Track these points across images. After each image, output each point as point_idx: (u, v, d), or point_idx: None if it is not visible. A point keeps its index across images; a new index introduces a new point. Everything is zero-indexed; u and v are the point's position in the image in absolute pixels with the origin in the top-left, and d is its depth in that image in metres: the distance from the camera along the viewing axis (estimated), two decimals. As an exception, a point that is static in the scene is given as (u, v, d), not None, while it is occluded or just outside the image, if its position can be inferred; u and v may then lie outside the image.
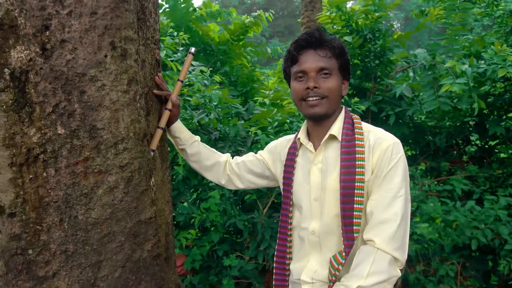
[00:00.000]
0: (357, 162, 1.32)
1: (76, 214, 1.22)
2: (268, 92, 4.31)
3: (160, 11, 4.74)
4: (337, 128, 1.41)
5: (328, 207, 1.37)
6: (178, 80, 1.50)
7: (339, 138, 1.39)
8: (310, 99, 1.37)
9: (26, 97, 1.14)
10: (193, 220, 3.05)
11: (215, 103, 3.18)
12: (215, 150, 1.69)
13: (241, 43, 4.54)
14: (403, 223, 1.27)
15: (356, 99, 2.88)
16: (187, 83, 3.11)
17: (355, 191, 1.31)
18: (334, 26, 3.69)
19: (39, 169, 1.18)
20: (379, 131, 1.39)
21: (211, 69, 4.56)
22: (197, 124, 3.22)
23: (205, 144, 1.67)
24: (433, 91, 3.01)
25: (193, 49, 1.50)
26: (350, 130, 1.40)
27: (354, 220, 1.30)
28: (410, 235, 3.69)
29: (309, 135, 1.49)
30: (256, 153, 1.69)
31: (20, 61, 1.12)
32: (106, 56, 1.19)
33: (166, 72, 3.50)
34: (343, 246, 1.31)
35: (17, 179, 1.17)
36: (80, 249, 1.23)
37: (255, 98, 3.22)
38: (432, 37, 3.60)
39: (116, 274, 1.28)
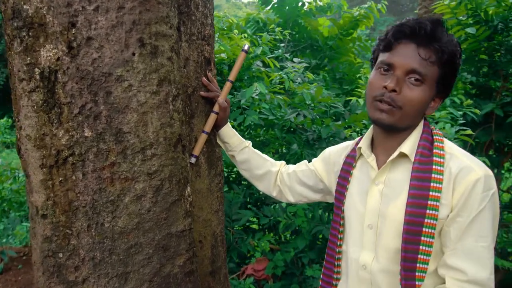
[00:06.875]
0: (431, 193, 1.03)
1: (103, 222, 1.15)
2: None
3: (269, 7, 4.67)
4: (410, 144, 1.11)
5: (387, 239, 1.10)
6: (228, 80, 1.35)
7: (412, 158, 1.09)
8: (381, 103, 1.06)
9: (55, 97, 1.10)
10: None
11: (308, 102, 2.98)
12: (268, 158, 1.48)
13: (349, 38, 4.22)
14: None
15: (469, 101, 2.40)
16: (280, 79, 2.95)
17: (424, 228, 1.02)
18: (454, 17, 3.19)
19: (68, 171, 1.14)
20: (465, 157, 1.06)
21: (315, 64, 4.36)
22: (290, 122, 3.07)
23: (258, 151, 1.48)
24: None
25: (246, 46, 1.34)
26: (427, 149, 1.08)
27: (417, 265, 1.02)
28: None
29: (373, 144, 1.21)
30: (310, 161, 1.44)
31: (49, 60, 1.08)
32: (133, 54, 1.09)
33: (267, 69, 3.39)
34: None
35: (47, 181, 1.15)
36: (107, 258, 1.17)
37: (353, 97, 2.94)
38: None
39: (143, 288, 1.20)
